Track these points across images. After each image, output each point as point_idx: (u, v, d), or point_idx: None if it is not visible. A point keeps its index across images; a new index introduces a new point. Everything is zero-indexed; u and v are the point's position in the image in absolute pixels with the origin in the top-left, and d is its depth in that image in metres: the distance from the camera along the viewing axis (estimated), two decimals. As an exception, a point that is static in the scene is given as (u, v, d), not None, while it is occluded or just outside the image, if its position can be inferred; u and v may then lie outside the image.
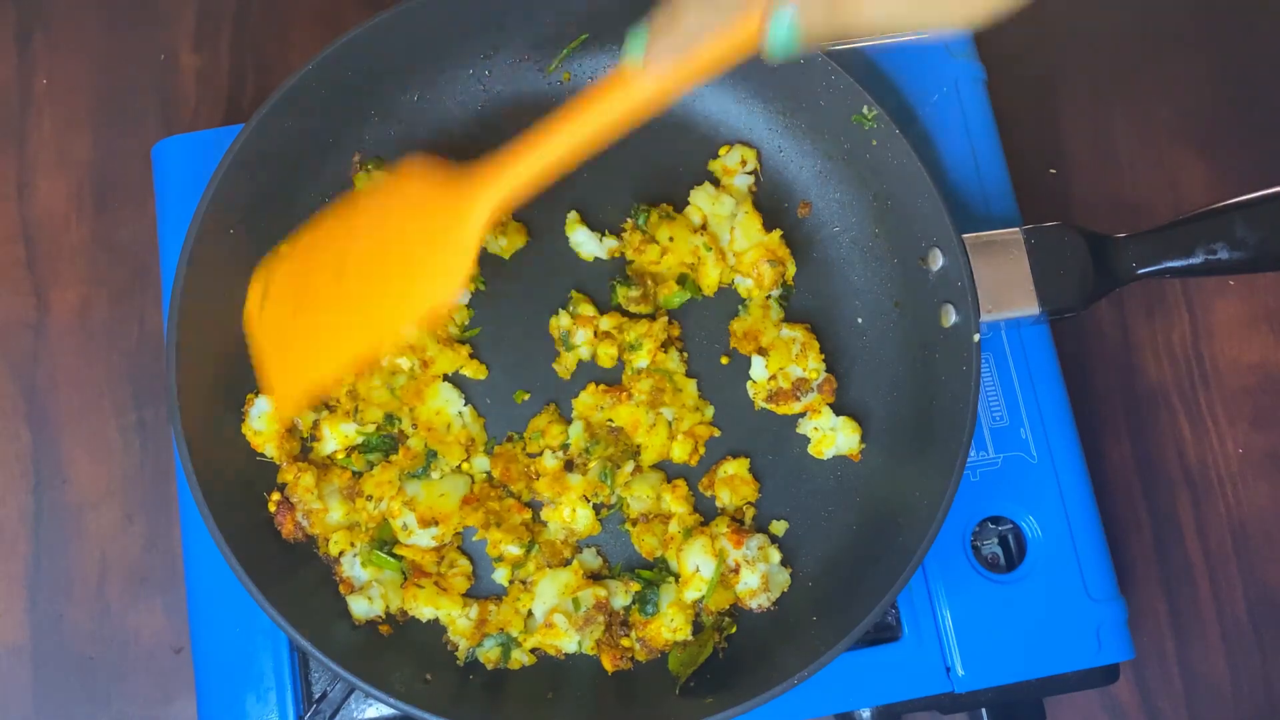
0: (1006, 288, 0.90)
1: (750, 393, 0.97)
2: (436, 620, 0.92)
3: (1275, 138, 1.20)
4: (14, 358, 1.12)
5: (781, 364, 0.95)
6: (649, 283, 0.98)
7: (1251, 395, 1.14)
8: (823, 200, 1.01)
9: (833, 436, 0.95)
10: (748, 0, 0.67)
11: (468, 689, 0.90)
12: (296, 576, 0.90)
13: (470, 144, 1.00)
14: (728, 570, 0.92)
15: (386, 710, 0.91)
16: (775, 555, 0.94)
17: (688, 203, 0.99)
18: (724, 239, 0.98)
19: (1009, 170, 1.04)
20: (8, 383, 1.11)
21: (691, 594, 0.91)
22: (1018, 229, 0.91)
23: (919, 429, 0.94)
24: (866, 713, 0.94)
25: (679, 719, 0.86)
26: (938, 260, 0.91)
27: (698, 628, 0.92)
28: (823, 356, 0.96)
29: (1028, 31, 1.23)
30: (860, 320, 0.99)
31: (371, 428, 0.94)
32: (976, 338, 0.87)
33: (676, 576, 0.93)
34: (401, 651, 0.90)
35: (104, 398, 1.11)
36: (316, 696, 0.92)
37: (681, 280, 0.98)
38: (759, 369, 0.96)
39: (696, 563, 0.91)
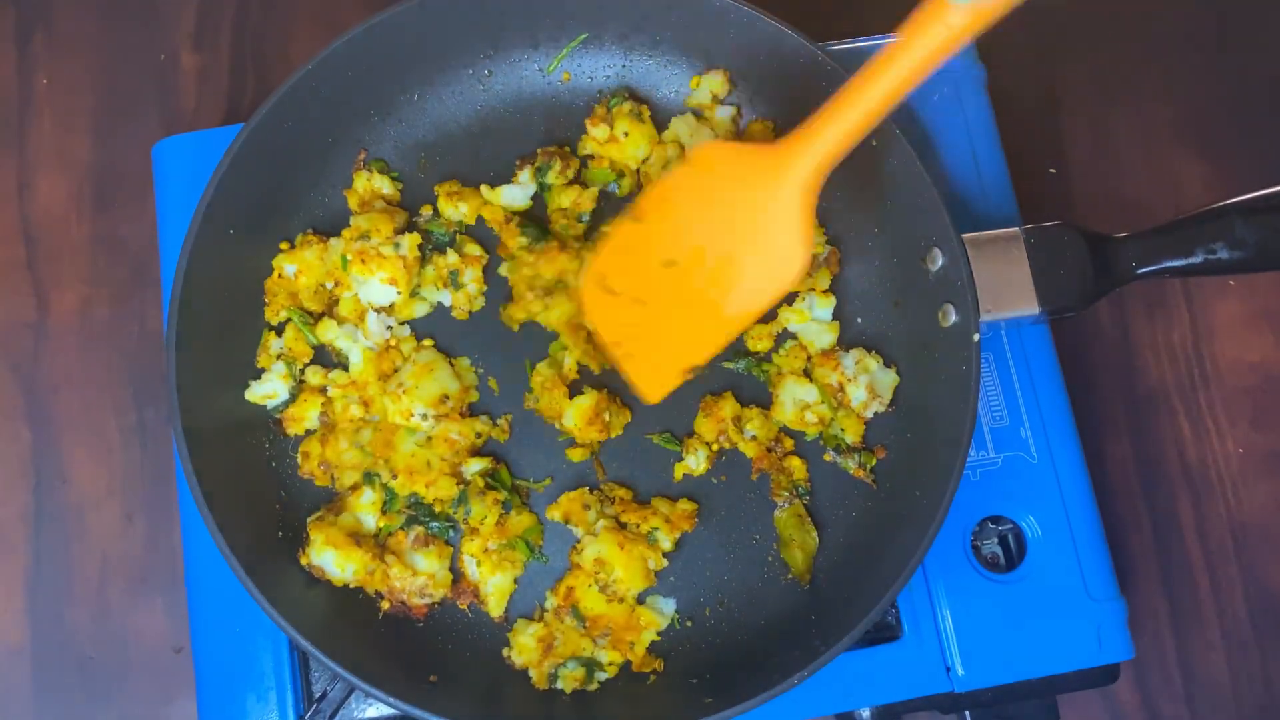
0: (1006, 287, 0.90)
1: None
2: (455, 623, 0.92)
3: (1275, 138, 1.20)
4: (14, 358, 1.12)
5: None
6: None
7: (1251, 395, 1.14)
8: (822, 200, 1.00)
9: (815, 324, 0.97)
10: None
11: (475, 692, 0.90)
12: (297, 576, 0.90)
13: (470, 144, 1.00)
14: (834, 393, 0.94)
15: (386, 710, 0.91)
16: (873, 363, 0.95)
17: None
18: None
19: (1009, 170, 1.04)
20: (8, 383, 1.11)
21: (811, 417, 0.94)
22: (1017, 229, 0.91)
23: (919, 429, 0.94)
24: (866, 713, 0.94)
25: (679, 719, 0.86)
26: (938, 260, 0.91)
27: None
28: (824, 230, 0.98)
29: (1028, 31, 1.23)
30: (860, 320, 0.98)
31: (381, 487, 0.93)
32: (976, 337, 0.87)
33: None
34: (403, 651, 0.90)
35: (104, 398, 1.11)
36: (316, 696, 0.92)
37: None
38: None
39: (797, 393, 0.94)
